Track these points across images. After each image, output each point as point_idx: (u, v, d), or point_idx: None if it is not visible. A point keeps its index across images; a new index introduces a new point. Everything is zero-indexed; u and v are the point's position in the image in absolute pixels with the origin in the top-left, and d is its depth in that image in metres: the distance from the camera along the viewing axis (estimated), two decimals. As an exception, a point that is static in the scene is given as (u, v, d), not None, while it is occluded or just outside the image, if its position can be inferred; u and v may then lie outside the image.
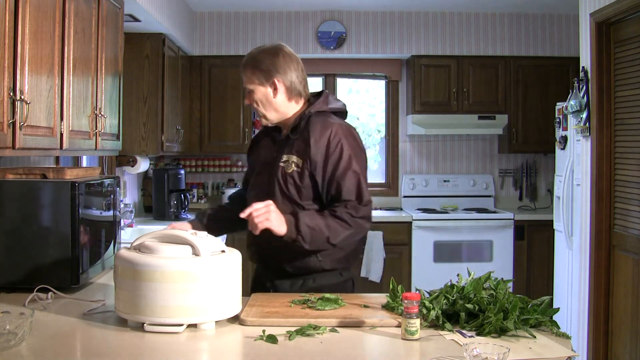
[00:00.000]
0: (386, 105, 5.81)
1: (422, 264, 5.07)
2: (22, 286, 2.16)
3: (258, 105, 2.23)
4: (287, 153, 2.17)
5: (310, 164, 2.12)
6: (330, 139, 2.13)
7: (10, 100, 1.99)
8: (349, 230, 2.09)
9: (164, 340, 1.66)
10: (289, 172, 2.14)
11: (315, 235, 2.05)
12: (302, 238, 2.04)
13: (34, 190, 2.27)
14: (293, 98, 2.25)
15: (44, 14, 2.24)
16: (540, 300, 1.79)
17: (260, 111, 2.24)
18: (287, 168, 2.15)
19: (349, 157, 2.13)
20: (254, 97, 2.23)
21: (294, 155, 2.15)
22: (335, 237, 2.08)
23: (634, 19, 3.50)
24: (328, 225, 2.06)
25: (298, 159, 2.14)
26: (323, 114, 2.22)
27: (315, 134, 2.14)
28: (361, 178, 2.14)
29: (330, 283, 2.20)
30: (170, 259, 1.73)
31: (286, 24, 5.42)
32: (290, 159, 2.16)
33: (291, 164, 2.15)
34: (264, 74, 2.22)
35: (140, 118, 4.31)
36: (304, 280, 2.20)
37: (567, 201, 4.26)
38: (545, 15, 5.44)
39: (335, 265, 2.21)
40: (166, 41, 4.39)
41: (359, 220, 2.10)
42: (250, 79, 2.23)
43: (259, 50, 2.31)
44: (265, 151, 2.29)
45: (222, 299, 1.75)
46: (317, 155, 2.12)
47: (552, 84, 5.32)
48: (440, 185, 5.64)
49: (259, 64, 2.24)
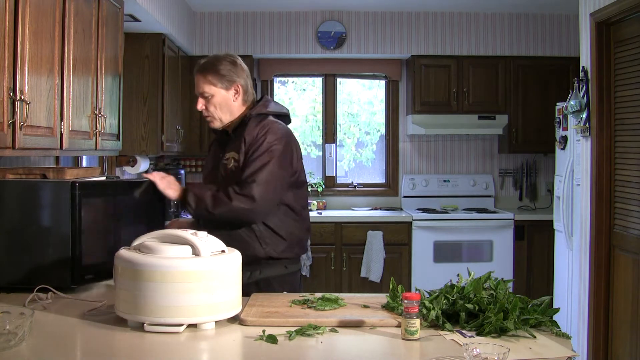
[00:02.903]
0: (386, 105, 5.81)
1: (422, 264, 5.07)
2: (22, 286, 2.16)
3: (215, 108, 2.41)
4: (228, 151, 2.39)
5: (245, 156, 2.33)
6: (258, 133, 2.35)
7: (10, 100, 1.99)
8: (228, 205, 2.26)
9: (164, 340, 1.66)
10: (230, 168, 2.36)
11: (198, 203, 2.28)
12: (188, 204, 2.30)
13: (34, 190, 2.26)
14: (245, 102, 2.46)
15: (44, 14, 2.24)
16: (540, 300, 1.79)
17: (216, 114, 2.42)
18: (228, 164, 2.37)
19: (266, 149, 2.31)
20: (212, 101, 2.40)
21: (233, 152, 2.37)
22: (214, 207, 2.27)
23: (634, 19, 3.50)
24: (213, 196, 2.28)
25: (236, 154, 2.36)
26: (262, 115, 2.42)
27: (249, 131, 2.37)
28: (267, 166, 2.29)
29: (276, 274, 2.38)
30: (170, 259, 1.73)
31: (286, 24, 5.42)
32: (230, 156, 2.37)
33: (231, 160, 2.36)
34: (227, 79, 2.40)
35: (140, 118, 4.31)
36: (250, 273, 2.31)
37: (567, 201, 4.26)
38: (545, 15, 5.44)
39: (279, 254, 2.37)
40: (166, 41, 4.39)
41: (239, 196, 2.26)
42: (212, 83, 2.39)
43: (216, 58, 2.44)
44: (214, 152, 2.52)
45: (222, 299, 1.75)
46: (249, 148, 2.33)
47: (552, 84, 5.31)
48: (440, 185, 5.64)
49: (220, 70, 2.40)
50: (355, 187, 5.75)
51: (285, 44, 5.42)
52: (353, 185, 5.76)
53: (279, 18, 5.41)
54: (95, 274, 2.29)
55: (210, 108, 2.41)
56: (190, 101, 5.25)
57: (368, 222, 5.08)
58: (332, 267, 4.99)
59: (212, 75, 2.38)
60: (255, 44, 5.40)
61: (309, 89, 5.92)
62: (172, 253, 1.76)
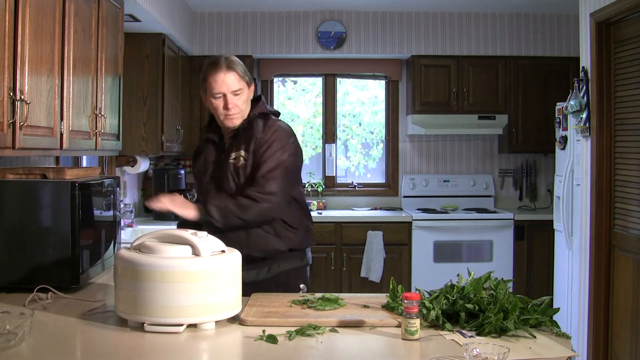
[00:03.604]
0: (386, 105, 5.81)
1: (422, 264, 5.07)
2: (22, 286, 2.16)
3: (243, 105, 2.39)
4: (235, 150, 2.38)
5: (255, 154, 2.34)
6: (267, 131, 2.38)
7: (10, 100, 1.99)
8: (256, 207, 2.27)
9: (164, 340, 1.66)
10: (239, 166, 2.36)
11: (224, 213, 2.26)
12: (212, 217, 2.25)
13: (34, 190, 2.27)
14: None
15: (44, 14, 2.24)
16: (540, 300, 1.79)
17: (242, 113, 2.40)
18: (237, 162, 2.36)
19: (279, 148, 2.35)
20: (242, 98, 2.38)
21: (241, 151, 2.37)
22: (244, 213, 2.27)
23: (634, 19, 3.50)
24: (237, 203, 2.27)
25: (245, 153, 2.36)
26: (264, 114, 2.45)
27: (259, 130, 2.39)
28: (282, 163, 2.33)
29: (292, 267, 2.42)
30: (170, 259, 1.73)
31: (286, 24, 5.42)
32: (238, 155, 2.37)
33: (240, 158, 2.37)
34: (249, 76, 2.42)
35: (140, 118, 4.32)
36: (269, 267, 2.37)
37: (567, 201, 4.26)
38: (545, 15, 5.44)
39: (295, 246, 2.41)
40: (166, 41, 4.39)
41: (263, 196, 2.28)
42: (243, 79, 2.38)
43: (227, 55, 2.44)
44: (210, 156, 2.48)
45: (222, 299, 1.75)
46: (258, 147, 2.35)
47: (552, 84, 5.31)
48: (440, 185, 5.64)
49: (244, 67, 2.42)
50: (355, 187, 5.75)
51: (285, 44, 5.42)
52: (353, 185, 5.76)
53: (279, 18, 5.41)
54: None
55: (242, 106, 2.38)
56: (190, 101, 5.26)
57: (368, 222, 5.08)
58: (332, 267, 4.99)
59: (242, 72, 2.38)
60: (255, 44, 5.40)
61: (308, 89, 5.92)
62: (172, 253, 1.76)
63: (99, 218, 2.53)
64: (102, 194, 2.57)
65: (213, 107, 2.39)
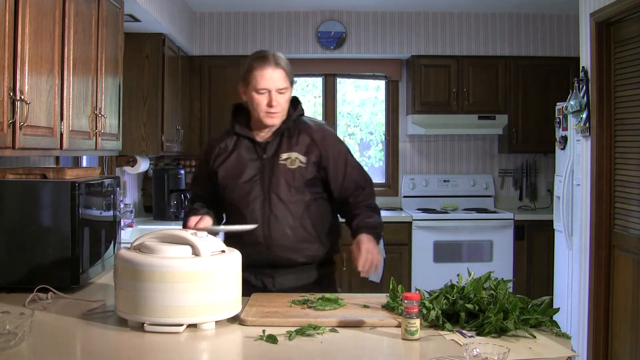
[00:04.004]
0: (386, 105, 5.81)
1: (422, 264, 5.07)
2: (22, 286, 2.16)
3: (285, 105, 2.29)
4: (287, 152, 2.30)
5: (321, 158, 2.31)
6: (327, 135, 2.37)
7: (10, 100, 1.99)
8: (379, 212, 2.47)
9: (164, 340, 1.66)
10: (294, 168, 2.28)
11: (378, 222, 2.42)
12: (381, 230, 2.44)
13: (34, 190, 2.27)
14: None
15: (44, 14, 2.24)
16: (540, 300, 1.79)
17: (283, 112, 2.30)
18: (292, 165, 2.29)
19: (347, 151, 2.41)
20: (285, 97, 2.29)
21: (295, 153, 2.29)
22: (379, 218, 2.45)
23: (634, 19, 3.50)
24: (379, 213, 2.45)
25: (301, 155, 2.29)
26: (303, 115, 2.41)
27: (315, 133, 2.34)
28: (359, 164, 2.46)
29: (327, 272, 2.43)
30: (170, 259, 1.73)
31: (286, 24, 5.41)
32: (292, 156, 2.29)
33: (295, 161, 2.29)
34: (292, 77, 2.32)
35: (140, 118, 4.31)
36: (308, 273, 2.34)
37: (567, 201, 4.26)
38: (545, 15, 5.44)
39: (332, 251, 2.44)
40: (166, 41, 4.39)
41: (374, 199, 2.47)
42: (288, 78, 2.29)
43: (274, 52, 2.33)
44: (245, 154, 2.34)
45: (222, 299, 1.75)
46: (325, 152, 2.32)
47: (552, 84, 5.31)
48: (440, 185, 5.64)
49: (288, 66, 2.30)
50: (355, 187, 5.74)
51: (285, 44, 5.41)
52: (353, 185, 5.75)
53: (279, 18, 5.41)
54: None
55: (284, 105, 2.28)
56: (190, 101, 5.26)
57: (368, 222, 5.06)
58: (332, 267, 4.98)
59: (288, 71, 2.28)
60: (255, 44, 5.39)
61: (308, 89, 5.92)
62: (172, 253, 1.76)
63: (99, 218, 2.53)
64: (102, 194, 2.57)
65: (254, 103, 2.26)
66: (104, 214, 2.59)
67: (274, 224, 2.26)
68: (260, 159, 2.31)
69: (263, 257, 2.28)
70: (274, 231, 2.26)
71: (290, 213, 2.28)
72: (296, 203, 2.29)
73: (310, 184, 2.31)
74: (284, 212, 2.28)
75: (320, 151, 2.31)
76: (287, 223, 2.28)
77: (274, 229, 2.26)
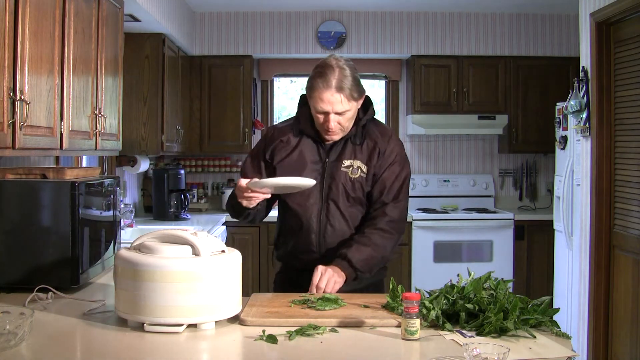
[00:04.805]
0: (386, 105, 5.81)
1: (422, 264, 5.07)
2: (22, 286, 2.16)
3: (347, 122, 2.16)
4: (350, 158, 2.21)
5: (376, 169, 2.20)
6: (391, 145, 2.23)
7: (10, 100, 1.99)
8: (394, 237, 2.20)
9: (164, 340, 1.66)
10: (355, 178, 2.19)
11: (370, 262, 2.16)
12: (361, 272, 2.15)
13: (34, 190, 2.27)
14: None
15: (44, 14, 2.24)
16: (540, 300, 1.79)
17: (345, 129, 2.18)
18: (353, 173, 2.19)
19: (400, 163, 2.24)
20: (346, 116, 2.14)
21: (358, 161, 2.20)
22: (384, 251, 2.19)
23: (634, 19, 3.50)
24: (376, 249, 2.16)
25: (364, 165, 2.20)
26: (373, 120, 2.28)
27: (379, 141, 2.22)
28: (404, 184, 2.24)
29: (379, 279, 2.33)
30: (170, 259, 1.73)
31: (286, 24, 5.41)
32: (354, 165, 2.20)
33: (357, 170, 2.20)
34: (359, 92, 2.15)
35: (140, 118, 4.32)
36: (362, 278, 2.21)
37: (567, 201, 4.26)
38: (545, 15, 5.44)
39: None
40: (166, 41, 4.39)
41: (398, 225, 2.21)
42: (351, 99, 2.12)
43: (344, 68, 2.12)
44: (309, 154, 2.22)
45: (222, 299, 1.75)
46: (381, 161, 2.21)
47: (552, 84, 5.31)
48: (440, 185, 5.64)
49: (354, 81, 2.13)
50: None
51: (285, 44, 5.42)
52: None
53: (279, 18, 5.41)
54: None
55: (345, 124, 2.16)
56: (190, 101, 5.26)
57: (368, 222, 5.07)
58: (332, 267, 4.98)
59: (351, 91, 2.11)
60: (255, 44, 5.40)
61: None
62: (172, 253, 1.76)
63: (99, 218, 2.53)
64: (102, 194, 2.57)
65: (314, 116, 2.17)
66: (104, 214, 2.59)
67: (331, 233, 2.19)
68: (323, 162, 2.21)
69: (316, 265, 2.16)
70: (330, 241, 2.20)
71: (347, 225, 2.21)
72: (353, 214, 2.21)
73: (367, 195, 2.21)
74: (341, 223, 2.20)
75: (380, 160, 2.20)
76: (344, 234, 2.20)
77: (330, 239, 2.20)
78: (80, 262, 2.26)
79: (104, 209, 2.59)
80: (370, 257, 2.15)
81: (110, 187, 2.68)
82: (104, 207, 2.58)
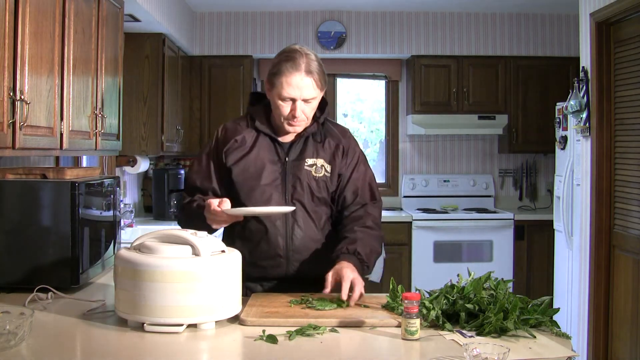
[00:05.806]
0: (386, 105, 5.81)
1: (422, 264, 5.07)
2: (22, 286, 2.16)
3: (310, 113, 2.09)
4: (313, 157, 2.13)
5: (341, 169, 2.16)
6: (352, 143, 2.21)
7: (10, 100, 1.99)
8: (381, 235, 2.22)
9: (164, 340, 1.66)
10: (320, 177, 2.12)
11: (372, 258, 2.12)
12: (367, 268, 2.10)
13: (34, 190, 2.27)
14: None
15: (44, 14, 2.24)
16: (540, 300, 1.79)
17: (307, 120, 2.10)
18: (317, 172, 2.12)
19: (365, 161, 2.24)
20: (312, 105, 2.07)
21: (321, 160, 2.14)
22: (380, 247, 2.19)
23: (634, 19, 3.50)
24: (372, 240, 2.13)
25: (327, 164, 2.14)
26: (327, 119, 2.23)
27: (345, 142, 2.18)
28: (374, 181, 2.26)
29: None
30: (170, 259, 1.73)
31: (286, 24, 5.41)
32: (317, 163, 2.13)
33: (321, 169, 2.13)
34: (324, 81, 2.08)
35: (140, 118, 4.32)
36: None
37: (567, 201, 4.26)
38: (545, 15, 5.44)
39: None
40: (166, 41, 4.39)
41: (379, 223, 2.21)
42: (319, 86, 2.06)
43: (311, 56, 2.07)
44: (266, 154, 2.12)
45: (222, 299, 1.75)
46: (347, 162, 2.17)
47: (552, 84, 5.31)
48: (440, 185, 5.64)
49: (321, 67, 2.07)
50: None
51: (285, 44, 5.34)
52: (353, 185, 5.74)
53: (279, 18, 5.41)
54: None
55: (309, 114, 2.08)
56: (190, 101, 5.26)
57: (368, 222, 5.06)
58: (332, 267, 4.98)
59: (320, 77, 2.04)
60: (255, 44, 5.40)
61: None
62: (172, 253, 1.76)
63: (99, 218, 2.53)
64: (102, 194, 2.57)
65: (276, 108, 2.06)
66: (104, 214, 2.59)
67: (300, 236, 2.09)
68: (282, 162, 2.11)
69: (279, 272, 2.12)
70: (298, 244, 2.10)
71: (315, 226, 2.12)
72: (319, 215, 2.13)
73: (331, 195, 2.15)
74: (309, 225, 2.11)
75: (345, 160, 2.16)
76: (312, 236, 2.11)
77: (298, 242, 2.10)
78: (80, 262, 2.26)
79: (104, 209, 2.59)
80: (372, 252, 2.11)
81: (110, 187, 2.68)
82: (104, 207, 2.58)
